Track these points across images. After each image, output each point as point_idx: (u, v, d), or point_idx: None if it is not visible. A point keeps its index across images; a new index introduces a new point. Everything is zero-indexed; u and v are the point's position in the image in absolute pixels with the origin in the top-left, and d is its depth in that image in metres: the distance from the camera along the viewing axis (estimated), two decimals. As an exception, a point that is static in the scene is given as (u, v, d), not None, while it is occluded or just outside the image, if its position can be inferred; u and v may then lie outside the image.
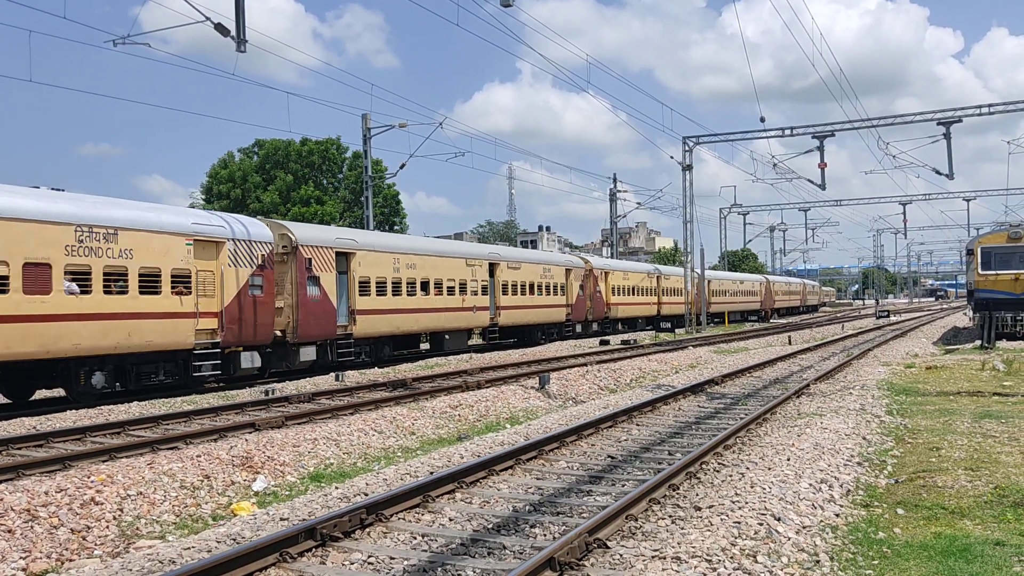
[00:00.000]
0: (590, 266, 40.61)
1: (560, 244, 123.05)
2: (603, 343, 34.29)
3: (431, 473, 9.80)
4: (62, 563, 7.53)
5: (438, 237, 37.88)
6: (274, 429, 13.03)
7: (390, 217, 58.04)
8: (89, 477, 9.40)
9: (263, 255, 20.41)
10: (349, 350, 23.72)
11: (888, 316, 62.38)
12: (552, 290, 36.42)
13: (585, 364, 23.27)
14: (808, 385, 17.84)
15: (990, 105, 37.60)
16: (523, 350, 31.69)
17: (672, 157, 45.43)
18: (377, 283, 24.91)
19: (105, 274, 16.51)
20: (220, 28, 20.34)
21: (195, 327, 18.44)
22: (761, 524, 6.97)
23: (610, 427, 13.02)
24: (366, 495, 8.82)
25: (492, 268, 31.71)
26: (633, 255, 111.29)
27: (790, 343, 35.06)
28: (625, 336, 40.18)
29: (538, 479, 9.60)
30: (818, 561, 6.30)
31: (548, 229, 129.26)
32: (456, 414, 15.33)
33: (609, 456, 10.88)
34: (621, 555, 6.54)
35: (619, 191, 59.78)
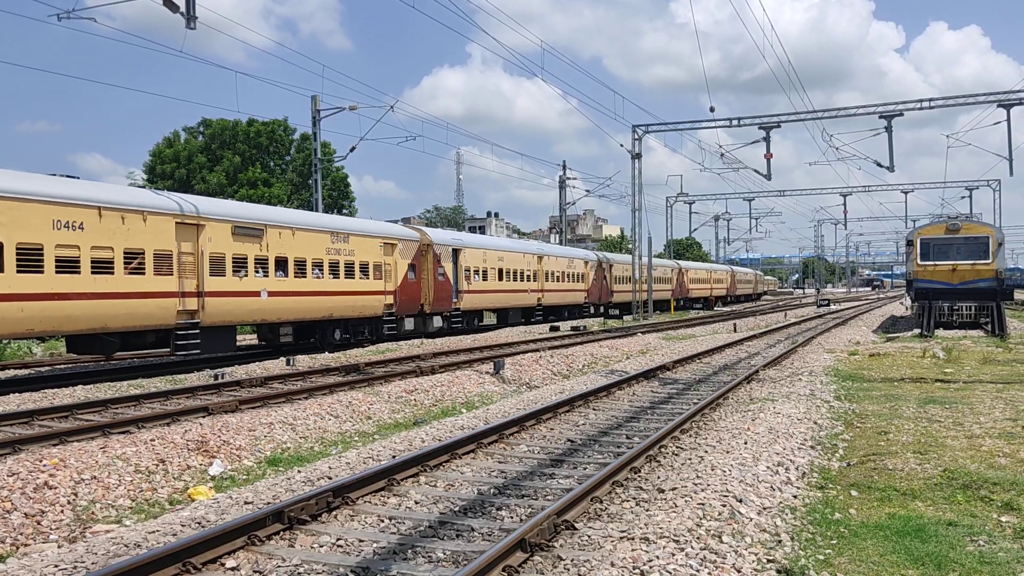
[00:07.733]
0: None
1: (508, 230, 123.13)
2: (553, 329, 34.47)
3: (393, 457, 9.79)
4: (17, 547, 7.36)
5: (389, 222, 37.70)
6: (228, 413, 12.86)
7: (339, 200, 57.39)
8: (41, 461, 9.18)
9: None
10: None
11: (829, 305, 63.82)
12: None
13: (538, 350, 23.38)
14: (757, 371, 18.20)
15: (930, 100, 38.60)
16: (475, 336, 31.73)
17: (622, 145, 45.87)
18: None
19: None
20: (169, 4, 19.87)
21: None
22: (724, 505, 7.12)
23: (567, 412, 13.14)
24: (330, 479, 8.77)
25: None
26: (580, 242, 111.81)
27: (735, 331, 35.69)
28: (575, 322, 40.49)
29: (500, 463, 9.66)
30: (780, 541, 6.47)
31: (496, 215, 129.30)
32: (412, 399, 15.29)
33: (569, 440, 10.98)
34: (589, 536, 6.63)
35: (568, 178, 60.05)
